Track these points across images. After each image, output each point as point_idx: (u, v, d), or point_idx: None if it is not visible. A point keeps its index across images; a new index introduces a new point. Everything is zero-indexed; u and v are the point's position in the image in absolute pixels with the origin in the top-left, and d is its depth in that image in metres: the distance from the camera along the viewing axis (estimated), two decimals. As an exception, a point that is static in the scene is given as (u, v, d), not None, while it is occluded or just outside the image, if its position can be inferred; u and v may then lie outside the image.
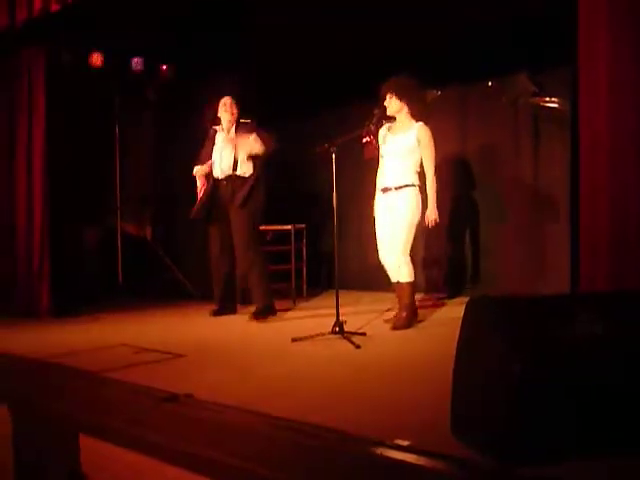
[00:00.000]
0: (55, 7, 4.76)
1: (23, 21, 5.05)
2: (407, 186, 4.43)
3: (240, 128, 5.22)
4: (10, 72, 5.70)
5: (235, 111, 5.24)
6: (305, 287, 6.17)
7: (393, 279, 4.59)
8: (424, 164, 4.47)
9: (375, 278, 5.03)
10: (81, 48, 5.98)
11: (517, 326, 1.89)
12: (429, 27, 5.40)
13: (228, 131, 5.22)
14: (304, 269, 6.16)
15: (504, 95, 5.78)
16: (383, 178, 4.56)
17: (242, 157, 5.12)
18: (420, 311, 4.70)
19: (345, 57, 5.77)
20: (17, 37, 5.39)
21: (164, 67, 6.33)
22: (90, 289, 6.48)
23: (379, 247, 4.60)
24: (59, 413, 3.19)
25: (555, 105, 5.46)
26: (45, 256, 5.48)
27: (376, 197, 4.61)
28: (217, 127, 5.31)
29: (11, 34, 5.29)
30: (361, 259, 6.28)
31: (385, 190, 4.52)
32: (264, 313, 5.00)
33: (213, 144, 5.28)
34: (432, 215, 4.42)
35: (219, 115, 5.26)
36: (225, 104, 5.24)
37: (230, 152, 5.14)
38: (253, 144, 5.09)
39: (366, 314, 4.81)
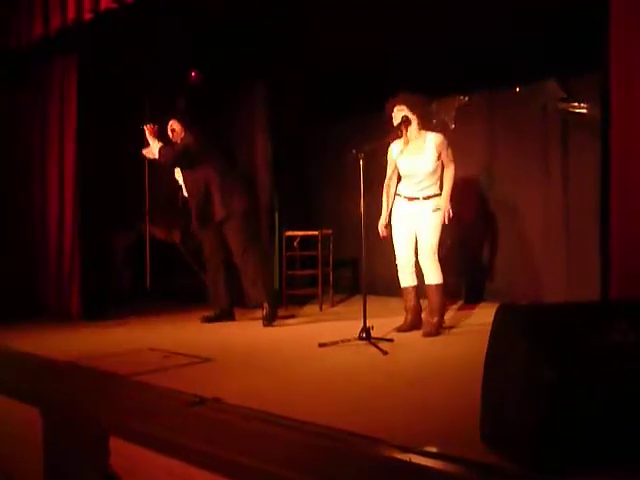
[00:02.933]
0: (88, 16, 4.84)
1: (56, 30, 5.13)
2: (435, 196, 4.46)
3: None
4: (43, 80, 5.81)
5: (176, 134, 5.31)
6: (332, 292, 6.16)
7: (405, 283, 4.62)
8: (445, 166, 4.46)
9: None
10: (113, 56, 6.04)
11: (550, 335, 1.87)
12: (457, 33, 5.39)
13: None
14: (331, 274, 6.16)
15: (532, 101, 5.73)
16: (407, 190, 4.54)
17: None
18: (446, 316, 4.69)
19: (371, 64, 5.77)
20: (50, 45, 5.48)
21: (193, 74, 6.37)
22: (119, 293, 6.55)
23: (398, 252, 4.59)
24: (89, 415, 3.22)
25: (584, 110, 5.40)
26: (75, 260, 5.56)
27: (398, 203, 4.59)
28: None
29: (45, 43, 5.38)
30: (388, 265, 6.25)
31: (412, 199, 4.51)
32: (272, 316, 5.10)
33: None
34: (444, 204, 4.37)
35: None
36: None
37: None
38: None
39: (393, 320, 4.79)
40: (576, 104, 5.45)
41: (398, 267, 4.64)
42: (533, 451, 1.85)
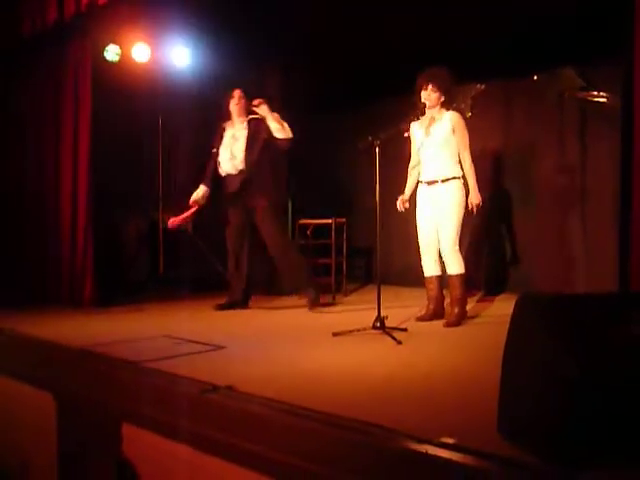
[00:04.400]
0: (102, 1, 4.81)
1: (71, 15, 5.12)
2: (453, 179, 4.44)
3: (252, 121, 5.19)
4: (57, 65, 5.80)
5: (244, 103, 5.17)
6: (345, 282, 6.14)
7: (428, 273, 4.61)
8: (460, 151, 4.47)
9: (415, 273, 5.01)
10: (126, 41, 6.03)
11: (570, 326, 1.84)
12: (473, 20, 5.32)
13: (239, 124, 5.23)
14: (344, 263, 6.13)
15: (550, 89, 5.66)
16: (426, 171, 4.55)
17: (254, 150, 5.11)
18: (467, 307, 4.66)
19: (388, 50, 5.72)
20: (65, 30, 5.47)
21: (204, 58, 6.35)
22: (132, 280, 6.56)
23: (421, 239, 4.58)
24: (102, 402, 3.23)
25: (603, 100, 5.32)
26: (89, 247, 5.56)
27: (420, 189, 4.61)
28: (225, 123, 5.31)
29: (59, 27, 5.37)
30: (401, 254, 6.24)
31: (431, 183, 4.52)
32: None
33: (221, 140, 5.29)
34: (475, 199, 4.39)
35: (230, 109, 5.24)
36: (234, 97, 5.19)
37: (242, 146, 5.15)
38: (275, 126, 5.03)
39: (407, 309, 4.77)
40: (595, 93, 5.38)
41: (421, 255, 4.62)
42: (551, 444, 1.82)
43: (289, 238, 5.22)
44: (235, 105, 5.19)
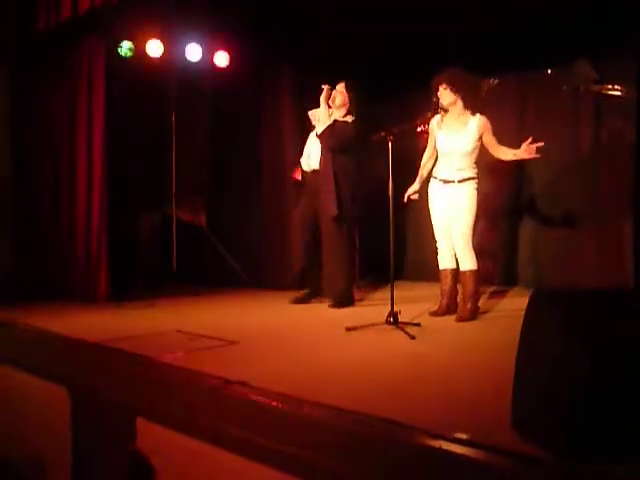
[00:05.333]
0: (116, -3, 4.84)
1: (85, 11, 5.14)
2: (469, 179, 4.43)
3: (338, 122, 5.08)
4: (71, 60, 5.83)
5: (336, 101, 5.09)
6: (358, 277, 6.13)
7: (443, 265, 4.58)
8: (495, 146, 4.43)
9: (428, 268, 4.99)
10: (140, 37, 6.04)
11: (585, 321, 1.82)
12: (487, 14, 5.28)
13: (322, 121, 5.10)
14: (357, 258, 6.12)
15: (564, 83, 5.61)
16: (443, 171, 4.52)
17: (327, 151, 5.04)
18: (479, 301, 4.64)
19: (402, 45, 5.69)
20: (79, 26, 5.49)
21: (220, 55, 6.35)
22: (146, 275, 6.59)
23: (436, 233, 4.58)
24: (116, 396, 3.25)
25: (618, 93, 5.27)
26: (103, 243, 5.60)
27: (433, 185, 4.57)
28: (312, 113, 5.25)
29: (73, 24, 5.39)
30: (415, 249, 6.22)
31: (446, 182, 4.49)
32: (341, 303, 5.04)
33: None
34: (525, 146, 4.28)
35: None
36: (331, 90, 5.09)
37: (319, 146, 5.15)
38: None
39: (420, 305, 4.76)
40: (610, 86, 5.32)
41: (438, 249, 4.61)
42: (565, 439, 1.81)
43: (343, 252, 5.08)
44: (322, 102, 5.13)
